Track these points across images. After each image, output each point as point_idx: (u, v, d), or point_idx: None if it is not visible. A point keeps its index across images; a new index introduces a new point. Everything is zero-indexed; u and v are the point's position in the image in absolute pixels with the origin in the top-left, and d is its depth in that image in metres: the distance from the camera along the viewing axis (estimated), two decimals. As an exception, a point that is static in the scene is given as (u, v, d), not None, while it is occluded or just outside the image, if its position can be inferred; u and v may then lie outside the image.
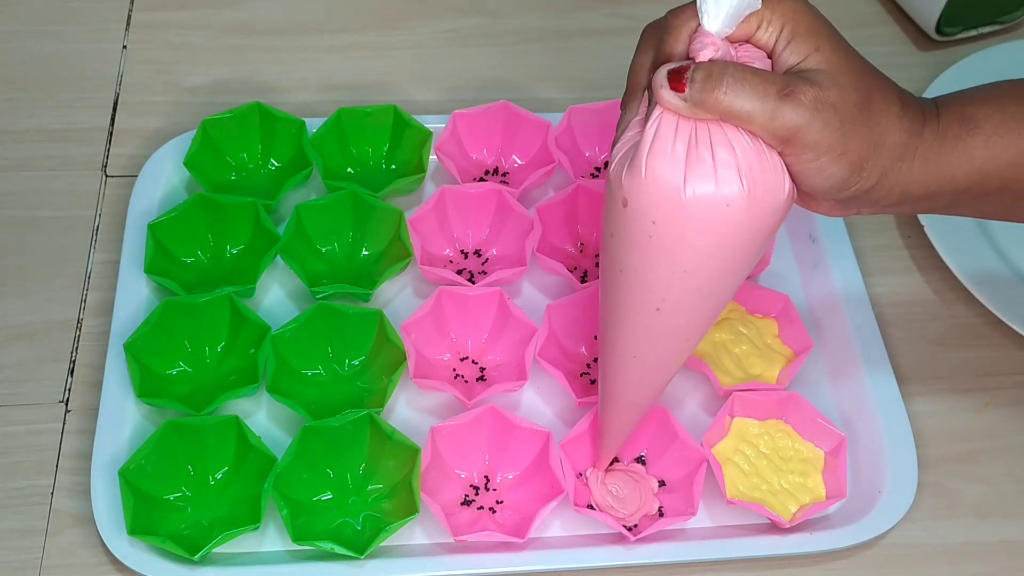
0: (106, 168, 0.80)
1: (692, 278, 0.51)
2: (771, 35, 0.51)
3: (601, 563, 0.63)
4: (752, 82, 0.48)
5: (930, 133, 0.53)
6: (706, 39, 0.49)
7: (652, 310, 0.53)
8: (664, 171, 0.49)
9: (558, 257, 0.74)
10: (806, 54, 0.50)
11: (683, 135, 0.49)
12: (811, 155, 0.50)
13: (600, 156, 0.81)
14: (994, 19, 0.91)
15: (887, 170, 0.52)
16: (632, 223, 0.51)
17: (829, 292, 0.74)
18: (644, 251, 0.51)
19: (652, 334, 0.55)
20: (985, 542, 0.67)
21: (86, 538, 0.64)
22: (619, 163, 0.51)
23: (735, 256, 0.51)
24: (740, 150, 0.49)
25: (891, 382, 0.70)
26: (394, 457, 0.64)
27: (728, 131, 0.49)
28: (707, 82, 0.48)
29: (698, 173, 0.48)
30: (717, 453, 0.66)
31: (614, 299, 0.55)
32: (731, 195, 0.49)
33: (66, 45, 0.88)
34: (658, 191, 0.49)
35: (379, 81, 0.87)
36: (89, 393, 0.69)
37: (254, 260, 0.72)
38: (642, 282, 0.52)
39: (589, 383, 0.70)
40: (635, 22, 0.92)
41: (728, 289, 0.54)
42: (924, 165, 0.53)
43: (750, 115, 0.48)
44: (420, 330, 0.69)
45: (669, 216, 0.49)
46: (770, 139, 0.49)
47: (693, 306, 0.53)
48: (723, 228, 0.50)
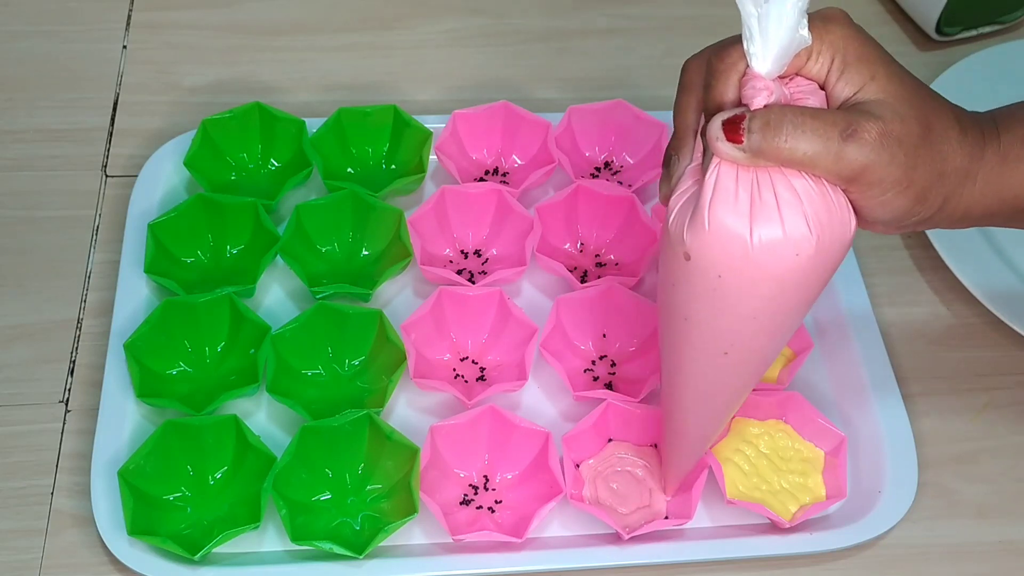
0: (106, 168, 0.80)
1: (759, 323, 0.50)
2: (822, 67, 0.49)
3: (600, 563, 0.63)
4: (813, 126, 0.46)
5: (991, 154, 0.52)
6: (758, 83, 0.47)
7: (719, 354, 0.52)
8: (729, 223, 0.47)
9: (558, 257, 0.74)
10: (861, 84, 0.48)
11: (745, 184, 0.47)
12: (877, 191, 0.48)
13: (600, 156, 0.81)
14: (994, 19, 0.91)
15: (949, 196, 0.51)
16: (697, 276, 0.49)
17: (829, 292, 0.74)
18: (711, 303, 0.50)
19: (719, 376, 0.54)
20: (985, 542, 0.67)
21: (86, 538, 0.64)
22: (679, 215, 0.49)
23: (802, 296, 0.50)
24: (805, 195, 0.47)
25: (891, 382, 0.70)
26: (393, 457, 0.64)
27: (791, 176, 0.47)
28: (766, 131, 0.46)
29: (764, 221, 0.47)
30: (717, 453, 0.66)
31: (678, 344, 0.54)
32: (800, 241, 0.47)
33: (66, 45, 0.88)
34: (724, 244, 0.47)
35: (379, 81, 0.87)
36: (89, 393, 0.69)
37: (254, 260, 0.72)
38: (708, 331, 0.51)
39: (591, 380, 0.70)
40: (635, 22, 0.93)
41: (795, 324, 0.52)
42: (985, 187, 0.52)
43: (813, 160, 0.47)
44: (420, 330, 0.69)
45: (737, 268, 0.48)
46: (835, 179, 0.48)
47: (760, 347, 0.53)
48: (792, 274, 0.48)
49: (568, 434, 0.65)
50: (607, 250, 0.76)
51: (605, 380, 0.70)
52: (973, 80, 0.85)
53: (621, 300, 0.71)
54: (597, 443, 0.67)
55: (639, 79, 0.89)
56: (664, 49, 0.91)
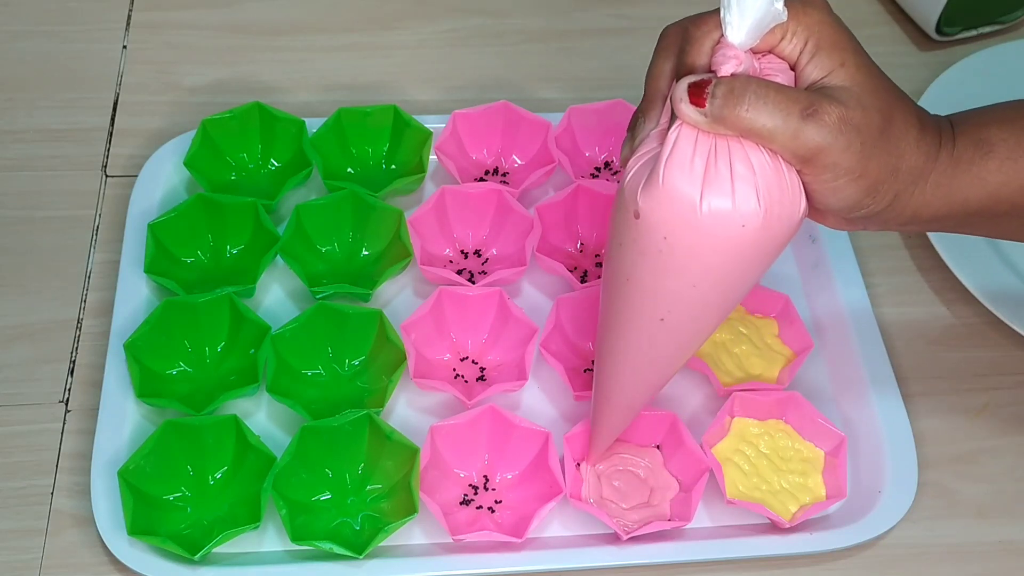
0: (106, 168, 0.80)
1: (699, 292, 0.51)
2: (795, 47, 0.49)
3: (600, 563, 0.63)
4: (775, 100, 0.47)
5: (945, 157, 0.52)
6: (729, 52, 0.48)
7: (656, 320, 0.53)
8: (681, 186, 0.48)
9: (558, 257, 0.74)
10: (830, 69, 0.49)
11: (702, 150, 0.48)
12: (830, 176, 0.49)
13: (600, 156, 0.81)
14: (994, 19, 0.91)
15: (900, 193, 0.51)
16: (643, 236, 0.50)
17: (829, 292, 0.74)
18: (654, 264, 0.50)
19: (653, 342, 0.55)
20: (985, 542, 0.67)
21: (86, 538, 0.64)
22: (635, 175, 0.50)
23: (744, 272, 0.51)
24: (759, 168, 0.48)
25: (891, 382, 0.70)
26: (393, 457, 0.64)
27: (748, 148, 0.48)
28: (728, 98, 0.47)
29: (716, 190, 0.48)
30: (717, 453, 0.66)
31: (617, 306, 0.54)
32: (748, 214, 0.48)
33: (66, 45, 0.88)
34: (673, 206, 0.48)
35: (379, 81, 0.87)
36: (89, 393, 0.69)
37: (254, 260, 0.72)
38: (648, 293, 0.52)
39: (592, 380, 0.70)
40: (635, 22, 0.93)
41: (733, 302, 0.53)
42: (936, 189, 0.52)
43: (771, 133, 0.47)
44: (420, 330, 0.69)
45: (683, 232, 0.48)
46: (790, 157, 0.48)
47: (698, 317, 0.53)
48: (736, 246, 0.49)
49: (570, 433, 0.65)
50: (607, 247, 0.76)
51: (605, 380, 0.70)
52: (973, 80, 0.85)
53: (621, 300, 0.71)
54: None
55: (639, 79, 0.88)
56: (664, 49, 0.91)
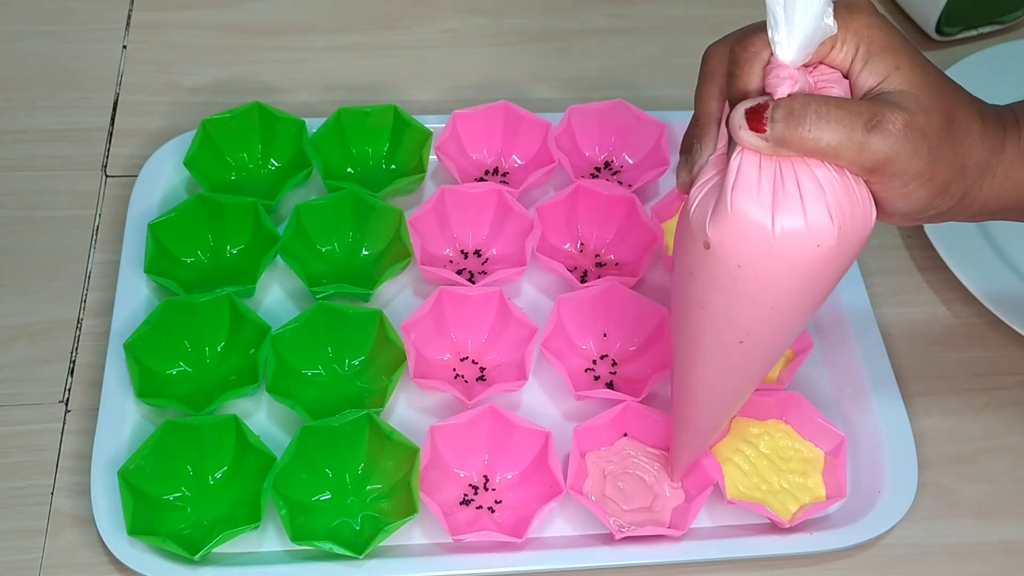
0: (106, 168, 0.80)
1: (777, 313, 0.50)
2: (846, 55, 0.48)
3: (600, 563, 0.63)
4: (837, 116, 0.46)
5: (1011, 149, 0.51)
6: (782, 72, 0.47)
7: (735, 344, 0.52)
8: (751, 213, 0.47)
9: (558, 257, 0.74)
10: (886, 74, 0.48)
11: (767, 174, 0.47)
12: (899, 183, 0.48)
13: (600, 156, 0.81)
14: (994, 19, 0.91)
15: (968, 189, 0.51)
16: (716, 266, 0.49)
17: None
18: (729, 292, 0.49)
19: (734, 364, 0.54)
20: (985, 542, 0.67)
21: (86, 538, 0.64)
22: (701, 205, 0.49)
23: (821, 287, 0.50)
24: (828, 186, 0.47)
25: (891, 382, 0.70)
26: (393, 457, 0.64)
27: (813, 166, 0.47)
28: (789, 120, 0.46)
29: (786, 211, 0.47)
30: (717, 453, 0.66)
31: (693, 332, 0.53)
32: (821, 233, 0.47)
33: (66, 45, 0.88)
34: (745, 234, 0.47)
35: (379, 81, 0.87)
36: (89, 393, 0.69)
37: (254, 260, 0.72)
38: (726, 319, 0.51)
39: (592, 380, 0.70)
40: (635, 22, 0.93)
41: (810, 315, 0.52)
42: (1004, 182, 0.52)
43: (837, 150, 0.46)
44: (420, 330, 0.69)
45: (757, 258, 0.48)
46: (857, 170, 0.48)
47: (776, 337, 0.53)
48: (812, 265, 0.48)
49: (581, 427, 0.65)
50: (607, 250, 0.76)
51: (606, 380, 0.70)
52: (973, 80, 0.84)
53: (622, 300, 0.71)
54: (610, 438, 0.67)
55: (639, 79, 0.89)
56: (664, 49, 0.91)
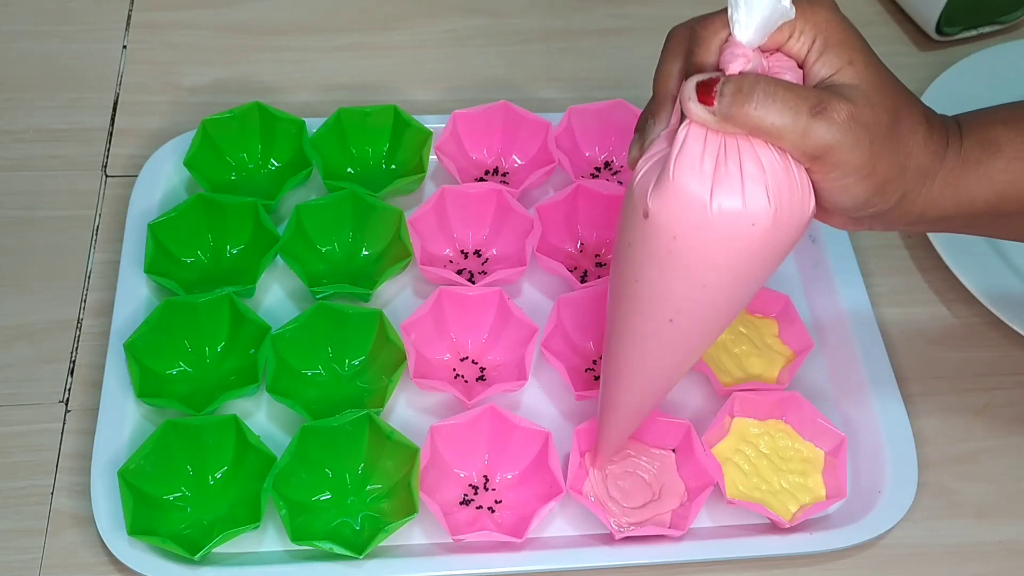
0: (106, 168, 0.80)
1: (709, 292, 0.51)
2: (803, 45, 0.49)
3: (600, 563, 0.63)
4: (784, 97, 0.47)
5: (952, 156, 0.52)
6: (737, 50, 0.48)
7: (665, 321, 0.53)
8: (691, 185, 0.48)
9: (558, 257, 0.74)
10: (838, 67, 0.49)
11: (711, 149, 0.48)
12: (838, 174, 0.49)
13: (600, 156, 0.81)
14: (994, 19, 0.91)
15: (908, 192, 0.51)
16: (653, 236, 0.49)
17: (829, 292, 0.74)
18: (663, 264, 0.50)
19: (661, 344, 0.54)
20: (985, 542, 0.67)
21: (86, 538, 0.64)
22: (645, 176, 0.50)
23: (754, 272, 0.50)
24: (769, 167, 0.48)
25: (891, 382, 0.70)
26: (393, 457, 0.64)
27: (757, 146, 0.48)
28: (737, 96, 0.47)
29: (726, 189, 0.47)
30: (717, 453, 0.66)
31: (625, 307, 0.54)
32: (758, 213, 0.48)
33: (66, 45, 0.88)
34: (683, 206, 0.48)
35: (379, 81, 0.87)
36: (89, 393, 0.69)
37: (254, 260, 0.72)
38: (657, 294, 0.52)
39: (593, 379, 0.70)
40: (635, 22, 0.93)
41: (742, 303, 0.53)
42: (944, 188, 0.52)
43: (780, 131, 0.47)
44: (420, 330, 0.69)
45: (693, 231, 0.48)
46: (799, 156, 0.48)
47: (707, 318, 0.53)
48: (746, 245, 0.49)
49: (580, 426, 0.65)
50: (607, 250, 0.76)
51: (605, 380, 0.70)
52: (973, 80, 0.85)
53: (621, 300, 0.71)
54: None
55: (639, 79, 0.88)
56: (664, 49, 0.91)
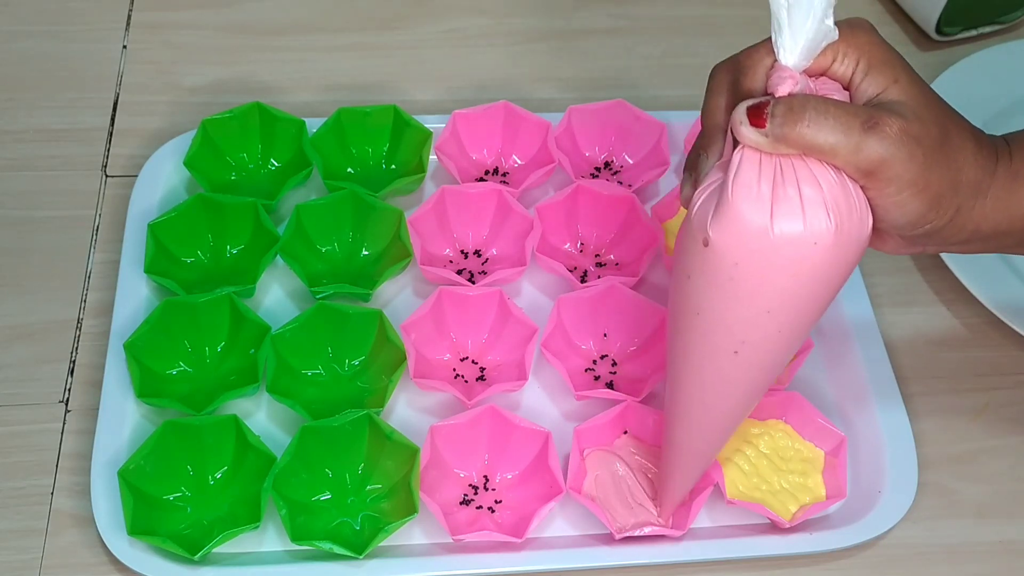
0: (106, 168, 0.80)
1: (774, 319, 0.50)
2: (847, 67, 0.50)
3: (600, 563, 0.63)
4: (835, 114, 0.47)
5: (1003, 171, 0.52)
6: (784, 73, 0.48)
7: (730, 353, 0.52)
8: (749, 210, 0.47)
9: (558, 257, 0.74)
10: (885, 85, 0.49)
11: (767, 173, 0.48)
12: (893, 189, 0.49)
13: (600, 156, 0.81)
14: (994, 19, 0.91)
15: (961, 207, 0.51)
16: (713, 264, 0.49)
17: (829, 292, 0.74)
18: (725, 292, 0.50)
19: (727, 378, 0.54)
20: (985, 542, 0.67)
21: (86, 538, 0.64)
22: (703, 206, 0.49)
23: (819, 294, 0.50)
24: (826, 185, 0.48)
25: (891, 382, 0.70)
26: (393, 457, 0.64)
27: (812, 166, 0.48)
28: (788, 116, 0.47)
29: (785, 211, 0.47)
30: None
31: (687, 342, 0.53)
32: (819, 232, 0.47)
33: (66, 45, 0.88)
34: (744, 231, 0.48)
35: (379, 81, 0.87)
36: (89, 393, 0.69)
37: (254, 260, 0.72)
38: (720, 324, 0.51)
39: (592, 379, 0.70)
40: (635, 22, 0.93)
41: (807, 328, 0.52)
42: (996, 204, 0.52)
43: (834, 148, 0.47)
44: (420, 330, 0.69)
45: (755, 256, 0.48)
46: (853, 172, 0.48)
47: (771, 347, 0.52)
48: (809, 267, 0.48)
49: (581, 427, 0.65)
50: (607, 250, 0.76)
51: (606, 379, 0.70)
52: (973, 80, 0.85)
53: (622, 300, 0.71)
54: (610, 438, 0.67)
55: (639, 79, 0.89)
56: (664, 49, 0.91)
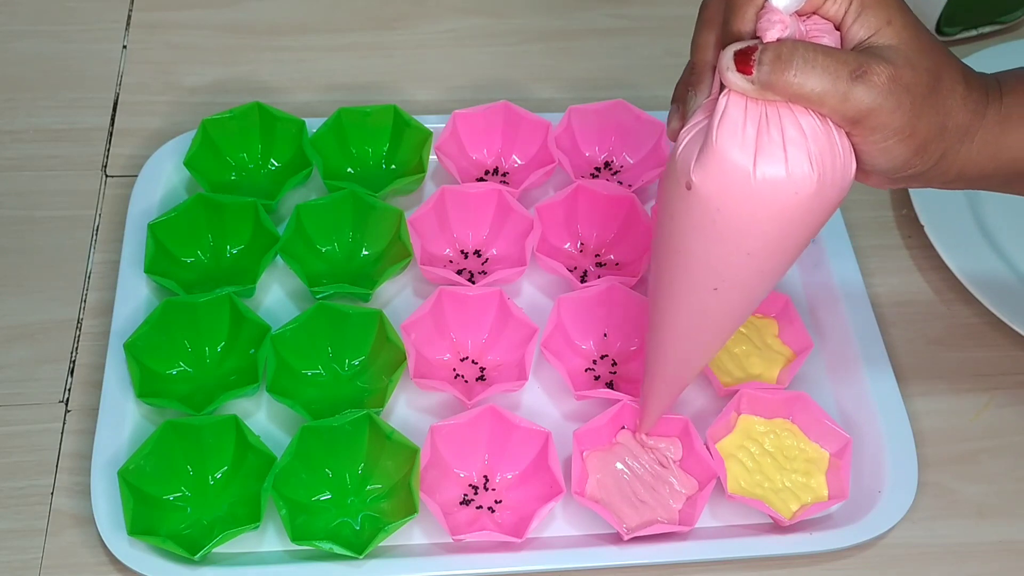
0: (106, 168, 0.80)
1: (754, 260, 0.51)
2: (840, 7, 0.49)
3: (600, 563, 0.63)
4: (824, 63, 0.47)
5: (992, 114, 0.52)
6: (774, 16, 0.47)
7: (709, 290, 0.52)
8: (734, 155, 0.47)
9: (558, 257, 0.74)
10: (877, 28, 0.49)
11: (752, 117, 0.47)
12: (879, 136, 0.49)
13: (600, 156, 0.81)
14: (994, 19, 0.91)
15: (947, 151, 0.51)
16: (696, 207, 0.49)
17: (829, 292, 0.74)
18: (707, 234, 0.50)
19: (706, 312, 0.54)
20: (985, 542, 0.67)
21: (86, 538, 0.64)
22: (687, 147, 0.50)
23: (797, 237, 0.50)
24: (810, 133, 0.47)
25: (891, 382, 0.70)
26: (393, 457, 0.64)
27: (798, 112, 0.48)
28: (776, 63, 0.46)
29: (769, 158, 0.47)
30: (721, 448, 0.66)
31: (668, 279, 0.54)
32: (801, 180, 0.47)
33: (66, 45, 0.88)
34: (727, 176, 0.48)
35: (379, 81, 0.87)
36: (89, 393, 0.69)
37: (254, 260, 0.72)
38: (702, 264, 0.51)
39: (592, 379, 0.70)
40: (635, 22, 0.93)
41: (784, 269, 0.53)
42: (983, 147, 0.52)
43: (821, 97, 0.47)
44: (420, 330, 0.69)
45: (737, 201, 0.48)
46: (840, 120, 0.48)
47: (751, 286, 0.53)
48: (791, 212, 0.48)
49: (579, 430, 0.65)
50: (607, 250, 0.76)
51: (606, 379, 0.70)
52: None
53: (622, 300, 0.71)
54: (609, 438, 0.67)
55: (639, 79, 0.89)
56: (664, 49, 0.91)
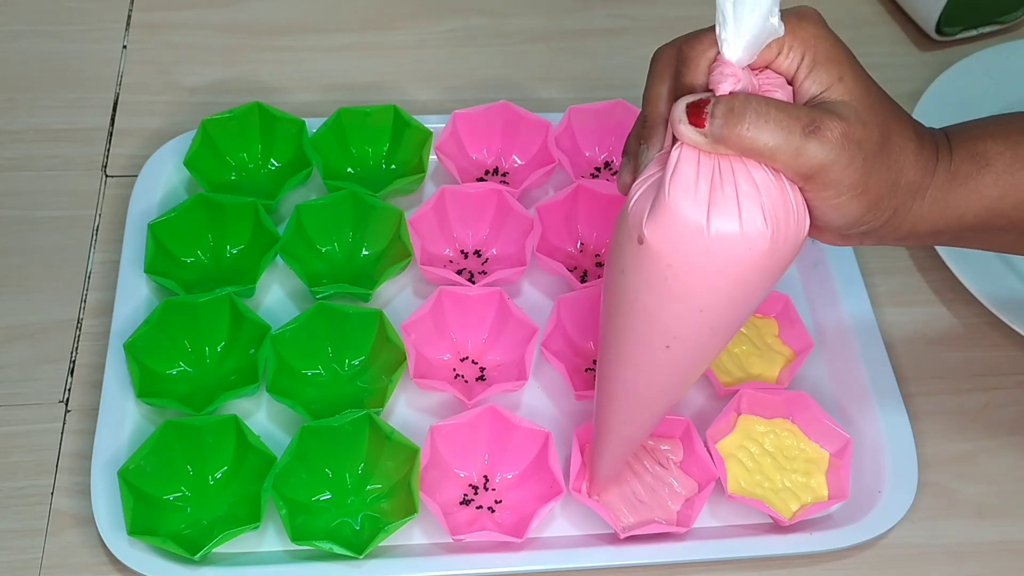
0: (106, 168, 0.80)
1: (706, 316, 0.50)
2: (792, 62, 0.49)
3: (600, 563, 0.63)
4: (777, 117, 0.46)
5: (942, 171, 0.52)
6: (726, 69, 0.47)
7: (661, 348, 0.52)
8: (687, 210, 0.47)
9: (558, 257, 0.74)
10: (829, 84, 0.49)
11: (705, 172, 0.47)
12: (832, 192, 0.48)
13: (600, 156, 0.81)
14: (994, 19, 0.91)
15: (899, 208, 0.51)
16: (648, 262, 0.49)
17: (829, 292, 0.74)
18: (659, 290, 0.49)
19: (657, 370, 0.53)
20: (985, 542, 0.67)
21: (86, 538, 0.64)
22: (639, 201, 0.49)
23: (751, 293, 0.50)
24: (764, 188, 0.47)
25: (891, 382, 0.70)
26: (393, 457, 0.64)
27: (751, 167, 0.47)
28: (729, 117, 0.46)
29: (722, 213, 0.46)
30: (721, 448, 0.66)
31: (618, 334, 0.53)
32: (755, 236, 0.47)
33: (66, 45, 0.88)
34: (679, 231, 0.47)
35: (379, 81, 0.87)
36: (89, 393, 0.69)
37: (254, 260, 0.72)
38: (653, 321, 0.51)
39: (592, 379, 0.70)
40: (635, 22, 0.93)
41: (738, 325, 0.52)
42: (934, 203, 0.52)
43: (774, 151, 0.46)
44: (420, 330, 0.69)
45: (690, 257, 0.47)
46: (792, 175, 0.48)
47: (703, 342, 0.52)
48: (744, 269, 0.48)
49: (580, 427, 0.65)
50: (607, 250, 0.76)
51: (605, 380, 0.70)
52: (973, 80, 0.85)
53: (621, 300, 0.71)
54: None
55: (639, 79, 0.87)
56: (664, 49, 0.91)
